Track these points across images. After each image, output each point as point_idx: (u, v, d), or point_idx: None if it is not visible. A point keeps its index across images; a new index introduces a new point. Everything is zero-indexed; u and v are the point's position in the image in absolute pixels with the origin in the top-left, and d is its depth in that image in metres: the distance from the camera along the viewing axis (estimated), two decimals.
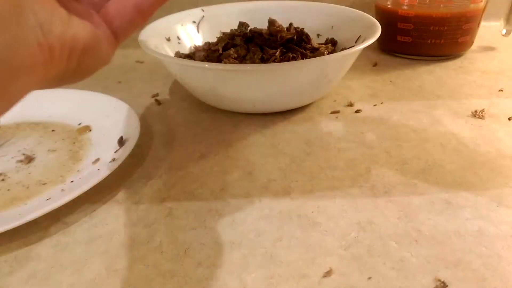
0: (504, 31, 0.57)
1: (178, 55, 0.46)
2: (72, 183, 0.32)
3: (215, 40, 0.48)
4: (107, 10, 0.18)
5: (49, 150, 0.37)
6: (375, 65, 0.54)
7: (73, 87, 0.48)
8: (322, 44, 0.46)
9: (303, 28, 0.45)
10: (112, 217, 0.30)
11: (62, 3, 0.15)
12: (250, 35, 0.44)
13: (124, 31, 0.18)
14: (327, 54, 0.42)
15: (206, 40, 0.50)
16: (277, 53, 0.41)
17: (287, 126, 0.40)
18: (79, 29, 0.15)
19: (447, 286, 0.23)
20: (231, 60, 0.41)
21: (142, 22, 0.19)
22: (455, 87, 0.47)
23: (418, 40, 0.53)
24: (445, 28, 0.51)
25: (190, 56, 0.47)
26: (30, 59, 0.13)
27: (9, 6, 0.12)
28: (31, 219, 0.27)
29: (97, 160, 0.34)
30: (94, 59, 0.17)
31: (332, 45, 0.46)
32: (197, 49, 0.49)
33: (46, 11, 0.13)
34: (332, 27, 0.50)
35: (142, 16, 0.18)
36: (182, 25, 0.51)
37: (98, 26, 0.17)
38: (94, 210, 0.30)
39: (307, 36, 0.44)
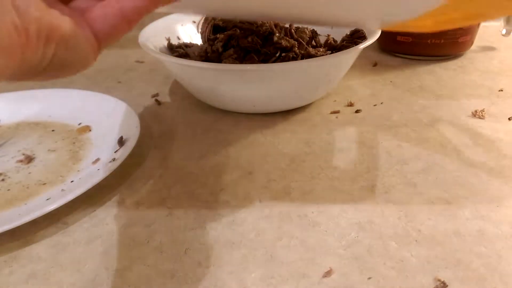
0: (504, 31, 0.57)
1: (170, 46, 0.46)
2: (72, 183, 0.32)
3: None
4: (91, 14, 0.18)
5: (49, 150, 0.38)
6: (375, 65, 0.54)
7: (74, 87, 0.48)
8: (318, 48, 0.46)
9: (303, 29, 0.45)
10: (112, 217, 0.30)
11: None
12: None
13: (107, 35, 0.18)
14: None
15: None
16: (277, 53, 0.41)
17: (287, 126, 0.40)
18: (57, 19, 0.16)
19: (447, 286, 0.23)
20: (231, 60, 0.41)
21: (127, 28, 0.19)
22: (455, 87, 0.47)
23: (418, 40, 0.53)
24: None
25: (185, 46, 0.47)
26: (6, 38, 0.14)
27: None
28: (31, 219, 0.27)
29: (97, 160, 0.34)
30: (71, 55, 0.17)
31: (329, 49, 0.46)
32: (189, 46, 0.49)
33: None
34: (332, 27, 0.50)
35: (127, 22, 0.18)
36: (182, 25, 0.51)
37: (81, 28, 0.17)
38: (94, 210, 0.30)
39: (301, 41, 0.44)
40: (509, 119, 0.40)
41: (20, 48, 0.14)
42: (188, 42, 0.50)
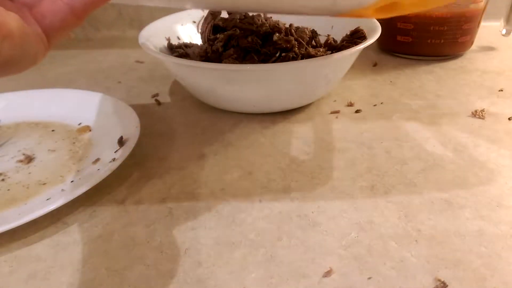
0: (504, 31, 0.57)
1: (170, 46, 0.46)
2: (72, 183, 0.32)
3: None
4: (39, 9, 0.18)
5: (49, 150, 0.38)
6: (375, 65, 0.54)
7: (73, 87, 0.48)
8: (318, 48, 0.46)
9: (303, 29, 0.45)
10: (112, 217, 0.30)
11: None
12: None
13: (56, 30, 0.18)
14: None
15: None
16: (277, 53, 0.41)
17: (287, 126, 0.40)
18: (2, 15, 0.15)
19: (447, 286, 0.23)
20: (231, 60, 0.41)
21: (76, 22, 0.18)
22: (455, 87, 0.47)
23: (418, 40, 0.53)
24: (445, 28, 0.51)
25: (185, 46, 0.47)
26: None
27: None
28: (31, 219, 0.27)
29: (97, 160, 0.34)
30: (19, 52, 0.16)
31: (329, 49, 0.46)
32: (189, 46, 0.49)
33: None
34: (332, 26, 0.50)
35: (76, 16, 0.18)
36: (182, 25, 0.51)
37: (29, 23, 0.17)
38: (94, 210, 0.30)
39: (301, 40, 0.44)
40: (509, 119, 0.40)
41: None
42: (188, 42, 0.50)
